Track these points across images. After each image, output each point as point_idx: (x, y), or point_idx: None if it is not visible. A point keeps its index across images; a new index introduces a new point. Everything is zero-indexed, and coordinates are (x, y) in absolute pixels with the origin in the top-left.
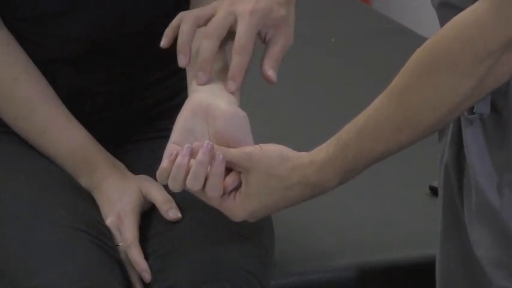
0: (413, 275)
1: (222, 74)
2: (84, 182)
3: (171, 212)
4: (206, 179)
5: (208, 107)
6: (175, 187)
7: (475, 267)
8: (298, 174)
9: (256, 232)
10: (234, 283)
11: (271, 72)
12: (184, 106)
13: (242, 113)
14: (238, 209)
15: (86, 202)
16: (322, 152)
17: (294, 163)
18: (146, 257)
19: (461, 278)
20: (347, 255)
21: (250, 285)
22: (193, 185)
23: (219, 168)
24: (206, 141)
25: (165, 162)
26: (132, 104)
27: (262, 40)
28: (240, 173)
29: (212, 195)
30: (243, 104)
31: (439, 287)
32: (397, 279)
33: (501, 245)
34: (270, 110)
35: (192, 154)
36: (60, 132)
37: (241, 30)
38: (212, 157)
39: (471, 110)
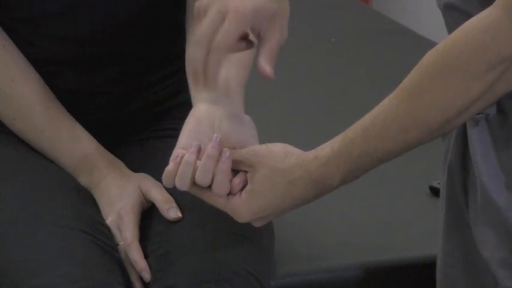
0: (414, 275)
1: (226, 81)
2: (83, 180)
3: (171, 211)
4: (213, 179)
5: (214, 114)
6: (182, 185)
7: (479, 267)
8: (301, 169)
9: (256, 232)
10: (234, 283)
11: (268, 68)
12: (190, 114)
13: (247, 118)
14: (243, 207)
15: (86, 202)
16: (327, 147)
17: (298, 158)
18: (146, 256)
19: (464, 277)
20: (347, 255)
21: (249, 285)
22: (202, 179)
23: (225, 164)
24: (215, 134)
25: (171, 165)
26: (132, 104)
27: (255, 36)
28: (246, 173)
29: (219, 193)
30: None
31: (440, 287)
32: (397, 279)
33: (507, 246)
34: (269, 110)
35: (200, 152)
36: (59, 132)
37: (221, 31)
38: (220, 152)
39: None
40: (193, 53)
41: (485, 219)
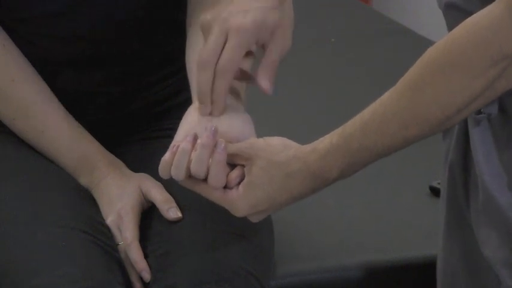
0: (414, 275)
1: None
2: (83, 181)
3: (171, 211)
4: (208, 172)
5: None
6: (178, 175)
7: (480, 267)
8: (299, 162)
9: (256, 232)
10: (234, 283)
11: (266, 84)
12: (189, 110)
13: (246, 115)
14: (240, 200)
15: (86, 202)
16: (325, 140)
17: (296, 150)
18: (146, 256)
19: (465, 277)
20: (347, 255)
21: (249, 285)
22: (197, 169)
23: (221, 155)
24: (210, 124)
25: (167, 154)
26: (132, 104)
27: (259, 46)
28: (243, 167)
29: (214, 185)
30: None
31: (441, 287)
32: (397, 279)
33: (508, 245)
34: (269, 109)
35: (196, 141)
36: (59, 132)
37: (225, 53)
38: (215, 143)
39: (479, 110)
40: (198, 76)
41: (486, 219)
